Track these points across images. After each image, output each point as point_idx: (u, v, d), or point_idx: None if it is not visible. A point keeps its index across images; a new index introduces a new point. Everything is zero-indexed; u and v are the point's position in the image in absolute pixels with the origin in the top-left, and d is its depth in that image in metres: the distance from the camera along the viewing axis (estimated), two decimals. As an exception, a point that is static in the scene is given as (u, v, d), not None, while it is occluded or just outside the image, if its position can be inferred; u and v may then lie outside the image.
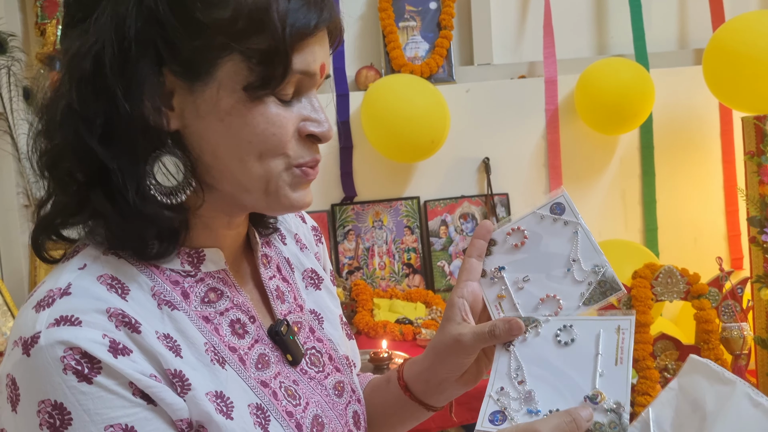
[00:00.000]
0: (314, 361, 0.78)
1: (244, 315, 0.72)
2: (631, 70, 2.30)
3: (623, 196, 2.51)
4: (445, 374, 0.79)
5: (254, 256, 0.78)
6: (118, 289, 0.63)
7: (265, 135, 0.63)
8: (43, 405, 0.56)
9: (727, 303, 2.07)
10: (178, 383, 0.61)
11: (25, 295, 2.26)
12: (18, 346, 0.58)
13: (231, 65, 0.62)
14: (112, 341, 0.58)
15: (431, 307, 2.30)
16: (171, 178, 0.63)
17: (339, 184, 2.47)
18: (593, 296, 0.71)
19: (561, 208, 0.75)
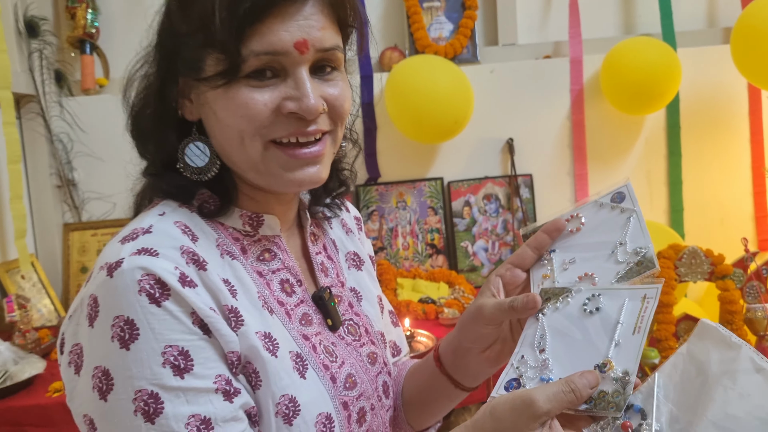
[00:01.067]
0: (351, 331, 0.84)
1: (292, 277, 0.80)
2: (658, 49, 2.28)
3: (648, 177, 2.50)
4: (468, 344, 0.82)
5: (304, 232, 0.86)
6: (189, 234, 0.72)
7: (236, 117, 0.70)
8: (117, 320, 0.63)
9: (751, 284, 2.06)
10: (233, 318, 0.68)
11: (60, 273, 2.34)
12: (103, 269, 0.65)
13: (209, 59, 0.70)
14: (182, 273, 0.66)
15: (454, 286, 2.32)
16: (195, 160, 0.74)
17: (363, 165, 2.49)
18: (628, 274, 0.72)
19: (621, 197, 0.77)
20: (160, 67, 0.75)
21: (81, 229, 2.39)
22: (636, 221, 0.75)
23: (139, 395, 0.62)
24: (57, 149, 2.33)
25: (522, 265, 0.80)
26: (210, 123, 0.74)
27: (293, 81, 0.70)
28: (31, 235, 2.31)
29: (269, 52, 0.68)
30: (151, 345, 0.63)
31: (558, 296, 0.74)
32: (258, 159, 0.72)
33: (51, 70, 2.33)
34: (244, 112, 0.69)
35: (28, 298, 2.08)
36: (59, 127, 2.32)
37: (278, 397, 0.70)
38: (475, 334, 0.80)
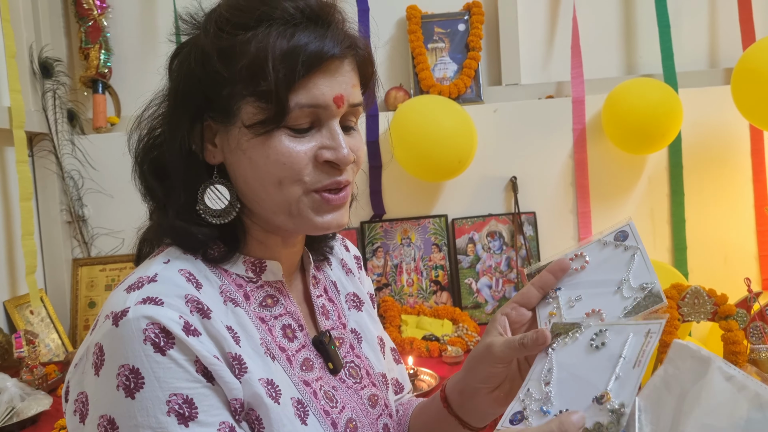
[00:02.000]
0: (352, 373, 0.86)
1: (294, 322, 0.81)
2: (659, 90, 2.31)
3: (651, 216, 2.52)
4: (477, 384, 0.82)
5: (306, 276, 0.88)
6: (194, 282, 0.74)
7: (278, 165, 0.73)
8: (123, 369, 0.64)
9: (755, 324, 2.06)
10: (237, 365, 0.70)
11: (68, 308, 2.36)
12: (109, 318, 0.67)
13: (248, 107, 0.73)
14: (186, 322, 0.68)
15: (458, 324, 2.33)
16: (215, 203, 0.76)
17: (368, 202, 2.52)
18: (635, 308, 0.73)
19: (624, 235, 0.79)
20: (182, 111, 0.76)
21: (90, 264, 2.43)
22: (640, 258, 0.76)
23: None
24: (68, 186, 2.37)
25: (527, 304, 0.82)
26: (240, 167, 0.75)
27: (328, 132, 0.75)
28: (40, 269, 2.35)
29: (312, 105, 0.73)
30: (156, 394, 0.65)
31: (568, 331, 0.75)
32: (293, 202, 0.75)
33: (64, 109, 2.38)
34: (286, 160, 0.73)
35: (37, 333, 2.11)
36: (71, 165, 2.37)
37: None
38: (484, 374, 0.81)
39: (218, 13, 0.76)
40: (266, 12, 0.73)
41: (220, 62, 0.73)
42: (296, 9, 0.73)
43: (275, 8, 0.73)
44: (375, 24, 2.49)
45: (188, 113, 0.76)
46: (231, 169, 0.77)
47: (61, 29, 2.49)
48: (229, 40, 0.73)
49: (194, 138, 0.76)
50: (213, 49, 0.73)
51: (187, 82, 0.76)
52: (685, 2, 2.59)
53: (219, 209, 0.76)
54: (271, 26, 0.72)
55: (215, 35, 0.74)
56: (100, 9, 2.43)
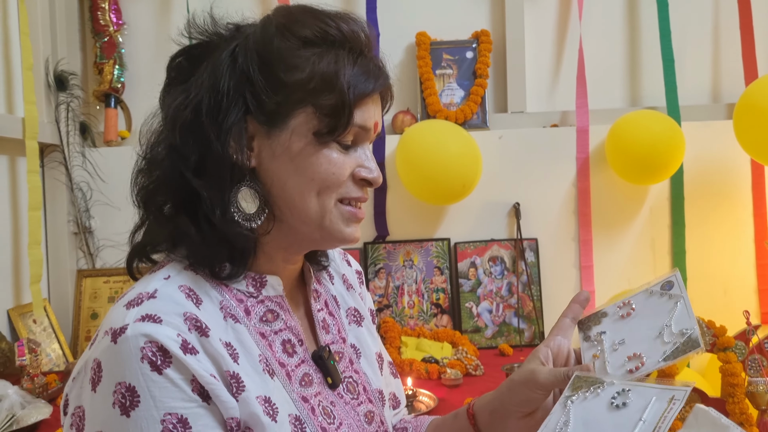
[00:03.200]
0: (350, 389, 0.87)
1: (294, 337, 0.82)
2: (662, 122, 2.34)
3: (652, 246, 2.54)
4: (512, 407, 0.84)
5: (307, 290, 0.89)
6: (193, 298, 0.74)
7: (327, 174, 0.77)
8: (119, 386, 0.65)
9: (753, 357, 2.07)
10: (234, 384, 0.71)
11: (70, 318, 2.38)
12: (108, 335, 0.68)
13: (304, 116, 0.77)
14: (184, 340, 0.68)
15: (457, 347, 2.34)
16: (250, 205, 0.77)
17: (372, 223, 2.55)
18: (674, 353, 0.76)
19: (670, 285, 0.83)
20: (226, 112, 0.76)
21: (94, 276, 2.45)
22: (683, 306, 0.79)
23: None
24: (76, 197, 2.40)
25: (564, 334, 0.86)
26: (280, 173, 0.77)
27: (363, 153, 0.81)
28: (45, 279, 2.37)
29: (362, 126, 0.79)
30: (151, 413, 0.65)
31: (590, 385, 0.75)
32: (328, 211, 0.79)
33: (76, 121, 2.42)
34: (334, 170, 0.78)
35: (39, 342, 2.12)
36: (80, 176, 2.40)
37: None
38: (522, 397, 0.82)
39: (279, 23, 0.79)
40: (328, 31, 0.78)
41: (282, 71, 0.76)
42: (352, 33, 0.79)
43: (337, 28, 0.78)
44: (385, 49, 2.54)
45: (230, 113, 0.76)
46: (267, 174, 0.78)
47: (77, 44, 2.54)
48: (295, 51, 0.76)
49: (232, 139, 0.76)
50: (276, 56, 0.76)
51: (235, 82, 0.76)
52: (690, 37, 2.64)
53: (250, 213, 0.77)
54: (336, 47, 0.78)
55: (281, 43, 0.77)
56: (116, 25, 2.49)
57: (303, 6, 0.82)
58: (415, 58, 2.59)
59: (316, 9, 0.81)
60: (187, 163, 0.76)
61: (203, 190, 0.75)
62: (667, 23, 2.52)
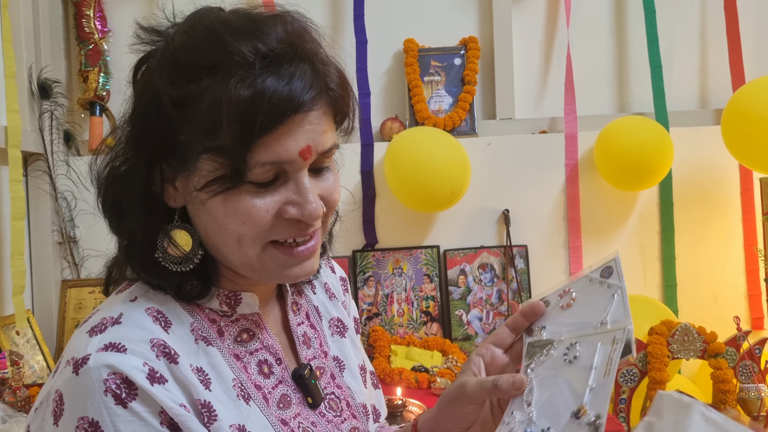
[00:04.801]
0: (333, 406, 0.83)
1: (271, 357, 0.78)
2: (650, 128, 2.34)
3: (642, 252, 2.53)
4: (448, 425, 0.80)
5: (285, 303, 0.85)
6: (162, 321, 0.70)
7: (237, 224, 0.69)
8: (81, 421, 0.62)
9: (744, 363, 2.06)
10: (206, 413, 0.67)
11: (54, 329, 2.34)
12: (70, 365, 0.64)
13: (207, 159, 0.68)
14: (151, 369, 0.65)
15: (448, 355, 2.32)
16: (180, 248, 0.71)
17: (361, 232, 2.53)
18: None
19: (610, 272, 0.78)
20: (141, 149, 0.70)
21: (79, 286, 2.41)
22: (620, 299, 0.75)
23: None
24: (61, 207, 2.37)
25: (501, 344, 0.80)
26: (199, 217, 0.71)
27: (294, 185, 0.69)
28: (29, 289, 2.33)
29: (275, 162, 0.67)
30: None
31: (542, 348, 0.75)
32: (255, 259, 0.71)
33: (60, 130, 2.39)
34: (246, 219, 0.68)
35: (22, 355, 2.08)
36: (64, 185, 2.37)
37: None
38: (456, 414, 0.79)
39: (171, 53, 0.69)
40: (223, 57, 0.65)
41: (174, 110, 0.67)
42: (256, 54, 0.65)
43: (233, 52, 0.65)
44: (372, 56, 2.53)
45: (148, 153, 0.70)
46: (191, 216, 0.72)
47: (62, 51, 2.50)
48: (183, 87, 0.66)
49: (155, 178, 0.70)
50: (165, 95, 0.67)
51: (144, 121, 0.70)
52: (677, 44, 2.64)
53: (179, 257, 0.70)
54: (229, 73, 0.65)
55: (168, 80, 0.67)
56: (101, 33, 2.46)
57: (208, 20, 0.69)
58: (403, 65, 2.58)
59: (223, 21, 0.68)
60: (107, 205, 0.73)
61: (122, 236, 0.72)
62: (655, 29, 2.52)
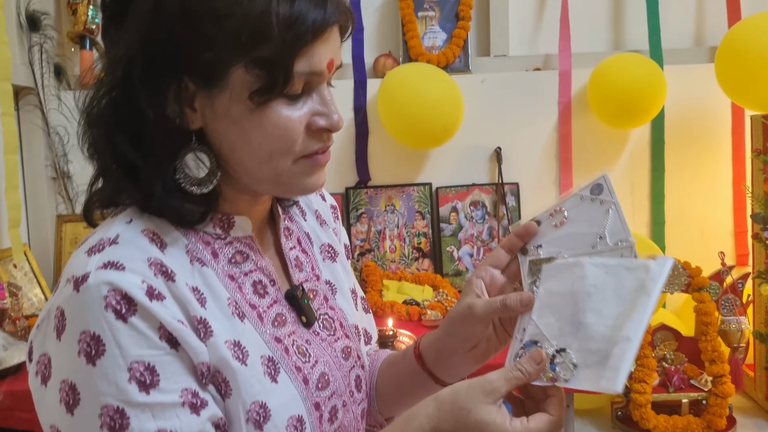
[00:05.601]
0: (326, 326, 0.85)
1: (265, 277, 0.80)
2: (644, 66, 2.34)
3: (632, 190, 2.56)
4: (455, 344, 0.83)
5: (277, 228, 0.86)
6: (157, 242, 0.71)
7: (273, 138, 0.70)
8: (84, 335, 0.64)
9: (727, 297, 2.12)
10: (202, 329, 0.69)
11: (51, 264, 2.37)
12: (70, 283, 0.66)
13: (240, 73, 0.67)
14: (149, 286, 0.66)
15: (438, 290, 2.37)
16: (197, 171, 0.71)
17: (354, 168, 2.54)
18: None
19: (600, 188, 0.79)
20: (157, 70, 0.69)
21: (74, 221, 2.43)
22: (615, 214, 0.76)
23: (105, 411, 0.63)
24: (53, 142, 2.37)
25: (498, 265, 0.82)
26: (226, 136, 0.71)
27: (319, 97, 0.72)
28: (24, 225, 2.35)
29: (311, 73, 0.70)
30: (117, 361, 0.64)
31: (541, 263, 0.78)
32: (284, 172, 0.72)
33: (51, 63, 2.37)
34: (282, 132, 0.70)
35: (20, 287, 2.12)
36: (56, 120, 2.36)
37: (249, 404, 0.71)
38: (463, 334, 0.81)
39: None
40: None
41: (208, 22, 0.66)
42: None
43: None
44: (366, -10, 2.50)
45: (164, 73, 0.68)
46: (215, 136, 0.72)
47: (49, -18, 2.46)
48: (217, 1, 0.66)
49: (170, 101, 0.69)
50: (198, 5, 0.66)
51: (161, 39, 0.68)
52: (674, -20, 2.61)
53: (199, 178, 0.71)
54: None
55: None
56: (88, -36, 2.41)
57: None
58: (396, 0, 2.54)
59: None
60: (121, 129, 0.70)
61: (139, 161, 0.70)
62: (652, -36, 2.49)
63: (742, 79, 2.20)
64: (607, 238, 0.76)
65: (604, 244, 0.76)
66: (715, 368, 2.03)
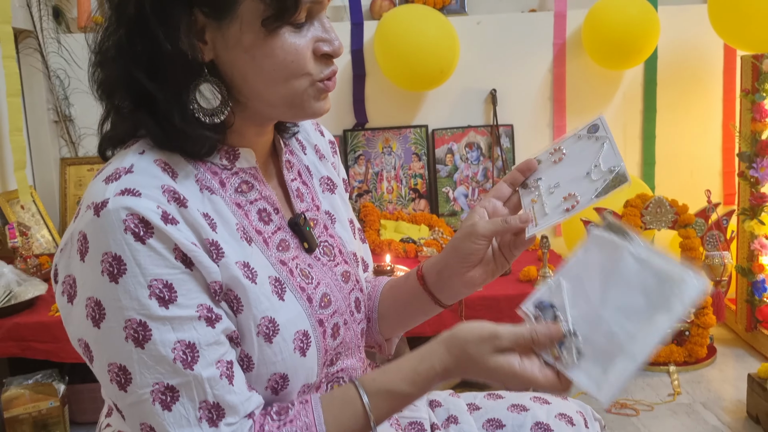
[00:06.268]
0: (326, 252, 0.91)
1: (269, 206, 0.85)
2: (638, 6, 2.35)
3: (624, 131, 2.61)
4: (456, 264, 0.89)
5: (279, 160, 0.91)
6: (169, 172, 0.76)
7: (285, 63, 0.75)
8: (106, 256, 0.69)
9: (711, 233, 2.19)
10: (214, 250, 0.74)
11: (57, 206, 2.43)
12: (90, 209, 0.71)
13: (249, 3, 0.71)
14: (164, 211, 0.71)
15: (434, 229, 2.44)
16: (211, 101, 0.75)
17: (351, 111, 2.58)
18: (604, 189, 0.81)
19: (596, 128, 0.86)
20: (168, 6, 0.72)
21: (77, 164, 2.48)
22: (609, 146, 0.83)
23: (129, 324, 0.68)
24: (54, 85, 2.39)
25: (501, 197, 0.89)
26: (239, 65, 0.75)
27: (320, 25, 0.77)
28: (29, 168, 2.40)
29: (313, 1, 0.74)
30: (138, 279, 0.68)
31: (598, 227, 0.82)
32: (299, 94, 0.77)
33: (49, 6, 2.37)
34: (293, 57, 0.74)
35: (29, 227, 2.19)
36: (56, 64, 2.39)
37: (259, 319, 0.75)
38: (465, 251, 0.87)
39: None
40: None
41: None
42: None
43: None
44: (362, -70, 2.48)
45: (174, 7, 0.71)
46: (226, 67, 0.76)
47: (43, -76, 2.44)
48: None
49: (182, 34, 0.72)
50: None
51: None
52: None
53: (212, 108, 0.75)
54: None
55: None
56: None
57: None
58: (393, -60, 2.54)
59: None
60: (137, 63, 0.73)
61: (158, 93, 0.73)
62: None
63: (734, 20, 2.22)
64: (601, 165, 0.82)
65: (599, 171, 0.82)
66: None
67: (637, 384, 2.08)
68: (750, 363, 2.17)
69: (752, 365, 2.13)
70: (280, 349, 0.78)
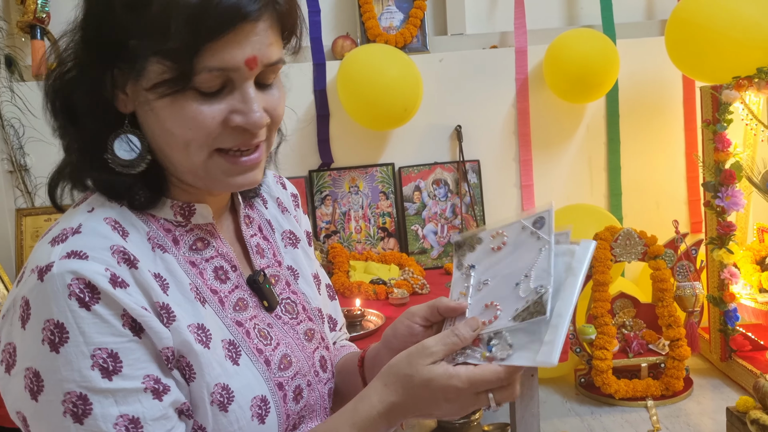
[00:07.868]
0: (289, 309, 0.88)
1: (226, 263, 0.82)
2: (597, 40, 2.38)
3: (590, 163, 2.62)
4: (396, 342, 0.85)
5: (238, 216, 0.88)
6: (119, 230, 0.73)
7: (184, 129, 0.71)
8: (48, 324, 0.65)
9: (681, 263, 2.19)
10: (165, 314, 0.71)
11: (12, 258, 2.34)
12: (34, 273, 0.67)
13: (155, 63, 0.69)
14: (113, 274, 0.68)
15: (404, 268, 2.40)
16: (127, 153, 0.73)
17: (316, 151, 2.55)
18: (522, 315, 0.74)
19: (542, 222, 0.79)
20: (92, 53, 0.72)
21: (34, 215, 2.40)
22: (546, 256, 0.77)
23: (68, 397, 0.65)
24: (8, 134, 2.32)
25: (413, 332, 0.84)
26: (149, 123, 0.73)
27: (240, 95, 0.72)
28: (-18, 220, 2.31)
29: (222, 69, 0.69)
30: (81, 348, 0.65)
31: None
32: (200, 166, 0.73)
33: (1, 55, 2.32)
34: (192, 124, 0.70)
35: (-19, 283, 2.09)
36: (10, 113, 2.32)
37: (212, 386, 0.72)
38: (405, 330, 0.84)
39: None
40: None
41: (125, 13, 0.68)
42: None
43: None
44: (321, -29, 2.49)
45: (98, 57, 0.71)
46: (143, 121, 0.74)
47: (-5, -29, 2.40)
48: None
49: (105, 83, 0.71)
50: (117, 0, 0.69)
51: (95, 25, 0.71)
52: (625, -46, 2.65)
53: (127, 160, 0.73)
54: None
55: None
56: (35, -49, 2.35)
57: None
58: (352, -20, 2.54)
59: None
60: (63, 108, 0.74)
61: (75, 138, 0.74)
62: (603, -60, 2.53)
63: (691, 52, 2.26)
64: (532, 277, 0.77)
65: (526, 287, 0.76)
66: (671, 332, 2.11)
67: (615, 420, 2.05)
68: (727, 393, 2.16)
69: (729, 396, 2.12)
70: (237, 417, 0.74)
